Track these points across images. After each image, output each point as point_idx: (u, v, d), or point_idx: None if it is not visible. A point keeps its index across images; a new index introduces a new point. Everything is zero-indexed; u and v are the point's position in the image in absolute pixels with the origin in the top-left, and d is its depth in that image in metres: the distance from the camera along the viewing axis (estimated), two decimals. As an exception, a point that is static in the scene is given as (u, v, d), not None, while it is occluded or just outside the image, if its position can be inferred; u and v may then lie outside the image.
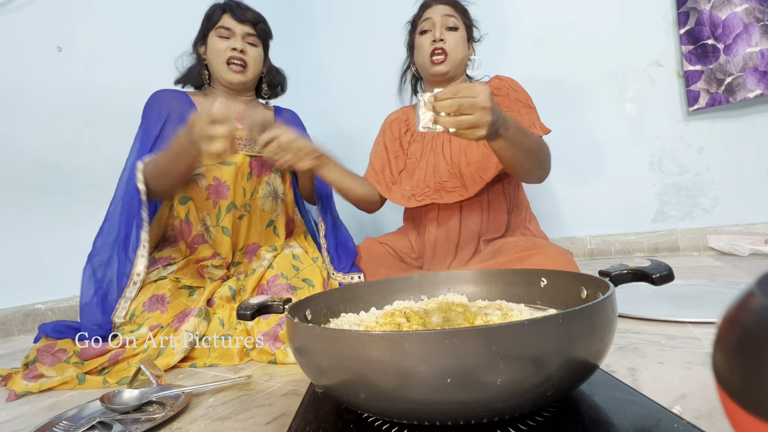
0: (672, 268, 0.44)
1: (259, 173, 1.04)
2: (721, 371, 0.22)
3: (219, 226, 0.99)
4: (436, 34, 1.07)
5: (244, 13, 1.01)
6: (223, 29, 0.99)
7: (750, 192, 1.39)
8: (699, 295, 0.83)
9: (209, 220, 0.99)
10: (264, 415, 0.51)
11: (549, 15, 1.66)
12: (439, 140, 1.13)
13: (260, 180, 1.05)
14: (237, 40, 1.00)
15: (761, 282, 0.22)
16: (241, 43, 1.00)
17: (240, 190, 1.01)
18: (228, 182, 0.99)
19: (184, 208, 0.99)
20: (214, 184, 0.98)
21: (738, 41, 1.31)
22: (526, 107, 1.07)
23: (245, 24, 1.01)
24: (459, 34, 1.09)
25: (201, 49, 1.06)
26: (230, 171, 0.99)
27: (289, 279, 0.93)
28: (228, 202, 0.99)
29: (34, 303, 1.33)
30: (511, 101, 1.07)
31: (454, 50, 1.07)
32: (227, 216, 0.99)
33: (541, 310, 0.53)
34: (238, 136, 1.01)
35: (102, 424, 0.53)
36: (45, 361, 0.75)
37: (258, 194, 1.04)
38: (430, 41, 1.08)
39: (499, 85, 1.10)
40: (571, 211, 1.67)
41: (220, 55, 0.99)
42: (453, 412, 0.34)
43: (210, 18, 1.02)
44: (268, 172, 1.06)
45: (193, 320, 0.80)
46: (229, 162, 0.99)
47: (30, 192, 1.34)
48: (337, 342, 0.35)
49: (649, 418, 0.36)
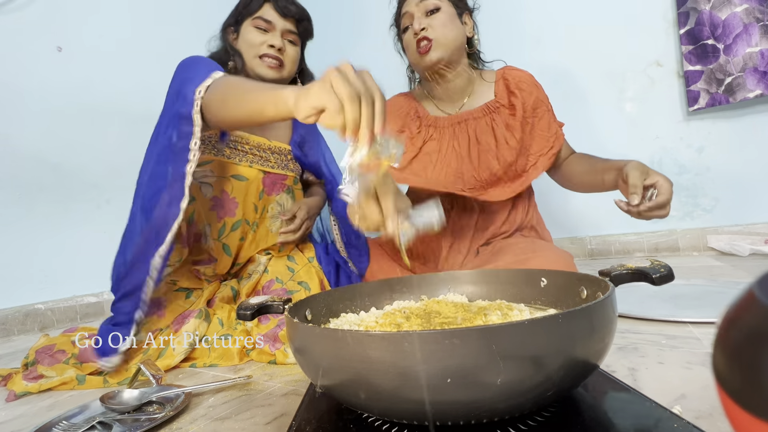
0: (672, 268, 0.44)
1: (270, 192, 0.96)
2: (721, 371, 0.22)
3: (220, 242, 0.90)
4: (415, 25, 0.96)
5: (289, 7, 0.90)
6: (262, 21, 0.89)
7: (750, 192, 1.38)
8: (699, 295, 0.83)
9: (209, 231, 0.91)
10: (264, 415, 0.51)
11: (549, 15, 1.66)
12: (461, 139, 1.02)
13: (270, 199, 0.96)
14: (276, 36, 0.90)
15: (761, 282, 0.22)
16: (279, 40, 0.90)
17: (251, 206, 0.92)
18: (237, 199, 0.90)
19: (190, 207, 0.88)
20: (221, 198, 0.89)
21: (738, 41, 1.31)
22: (548, 110, 1.04)
23: (288, 19, 0.91)
24: (443, 14, 0.96)
25: (231, 36, 0.94)
26: (242, 187, 0.90)
27: (284, 283, 0.91)
28: (235, 219, 0.90)
29: (34, 303, 1.34)
30: (536, 100, 1.01)
31: (440, 32, 0.95)
32: (232, 234, 0.90)
33: (541, 310, 0.53)
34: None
35: (102, 424, 0.53)
36: (44, 361, 0.75)
37: (267, 213, 0.96)
38: (413, 35, 0.97)
39: (522, 77, 1.03)
40: (571, 211, 1.67)
41: (254, 49, 0.90)
42: (453, 412, 0.34)
43: (248, 4, 0.90)
44: (280, 191, 0.98)
45: (193, 321, 0.79)
46: (240, 176, 0.90)
47: (30, 192, 1.35)
48: (337, 342, 0.35)
49: (649, 418, 0.36)
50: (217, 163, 0.89)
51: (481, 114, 1.02)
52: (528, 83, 1.02)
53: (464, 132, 1.03)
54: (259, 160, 0.94)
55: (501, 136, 1.00)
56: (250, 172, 0.91)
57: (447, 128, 1.04)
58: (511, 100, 1.01)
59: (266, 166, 0.95)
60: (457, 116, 1.04)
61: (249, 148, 0.93)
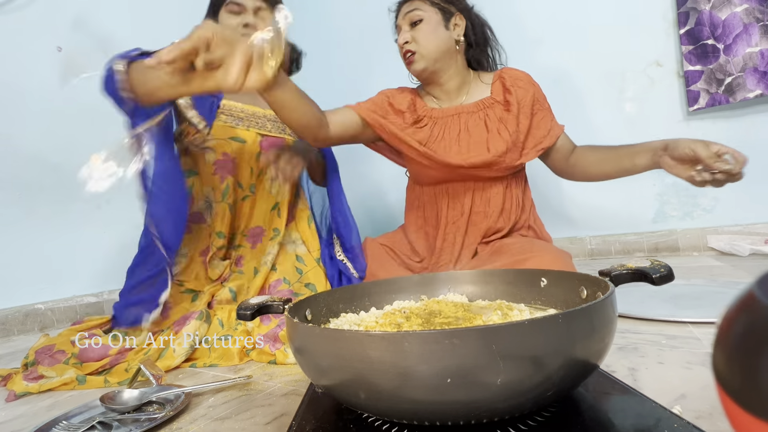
0: (672, 268, 0.44)
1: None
2: (721, 371, 0.22)
3: (225, 203, 0.95)
4: (399, 39, 1.03)
5: None
6: (234, 5, 0.97)
7: (750, 192, 1.38)
8: (699, 295, 0.83)
9: (213, 196, 0.96)
10: (264, 415, 0.51)
11: (549, 15, 1.66)
12: (454, 129, 1.04)
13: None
14: (249, 15, 0.97)
15: (761, 282, 0.22)
16: (253, 18, 0.97)
17: (247, 169, 0.98)
18: (237, 159, 0.96)
19: (189, 182, 0.95)
20: (222, 159, 0.95)
21: (738, 41, 1.31)
22: (542, 108, 1.05)
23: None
24: (425, 24, 1.00)
25: None
26: (240, 148, 0.96)
27: (291, 284, 0.93)
28: (234, 178, 0.96)
29: (34, 303, 1.34)
30: (532, 98, 1.03)
31: (422, 44, 1.00)
32: (233, 192, 0.96)
33: (541, 310, 0.53)
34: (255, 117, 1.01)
35: (102, 424, 0.53)
36: (44, 362, 0.75)
37: (266, 175, 1.00)
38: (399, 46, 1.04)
39: (518, 76, 1.05)
40: (571, 211, 1.67)
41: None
42: (453, 412, 0.34)
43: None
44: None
45: (194, 323, 0.79)
46: (239, 138, 0.97)
47: (30, 192, 1.35)
48: (337, 342, 0.35)
49: (649, 418, 0.36)
50: (216, 126, 0.96)
51: (475, 109, 1.05)
52: (525, 81, 1.04)
53: (456, 123, 1.05)
54: (255, 125, 1.01)
55: (493, 128, 1.02)
56: (248, 135, 0.98)
57: (440, 119, 1.07)
58: (506, 96, 1.03)
59: (263, 130, 1.01)
60: (451, 109, 1.07)
61: (245, 116, 1.00)
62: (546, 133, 1.05)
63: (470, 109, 1.05)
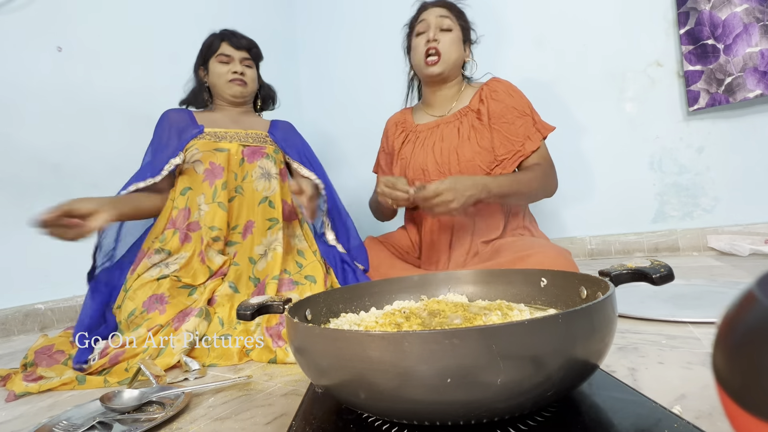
0: (672, 268, 0.44)
1: (251, 160, 1.10)
2: (721, 371, 0.22)
3: (215, 203, 1.02)
4: (429, 35, 1.11)
5: (240, 41, 1.16)
6: (223, 56, 1.13)
7: (750, 192, 1.39)
8: (699, 295, 0.83)
9: (204, 200, 1.03)
10: (264, 415, 0.51)
11: (549, 15, 1.66)
12: (431, 139, 1.16)
13: (252, 165, 1.10)
14: (236, 64, 1.14)
15: (761, 282, 0.22)
16: (240, 66, 1.14)
17: (231, 174, 1.07)
18: (222, 164, 1.06)
19: (184, 198, 1.02)
20: (210, 168, 1.04)
21: (738, 41, 1.31)
22: (521, 115, 1.08)
23: (242, 50, 1.15)
24: (453, 35, 1.12)
25: (202, 73, 1.19)
26: (224, 156, 1.06)
27: (292, 275, 0.98)
28: (222, 180, 1.04)
29: (34, 303, 1.33)
30: (505, 108, 1.09)
31: (447, 51, 1.11)
32: (222, 193, 1.03)
33: (541, 310, 0.53)
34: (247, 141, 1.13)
35: (102, 424, 0.53)
36: (42, 362, 0.75)
37: (251, 177, 1.09)
38: (425, 42, 1.11)
39: (496, 88, 1.12)
40: (571, 211, 1.67)
41: (223, 77, 1.14)
42: (453, 412, 0.34)
43: (210, 46, 1.15)
44: (259, 158, 1.11)
45: (193, 320, 0.80)
46: (223, 149, 1.07)
47: (30, 192, 1.34)
48: (337, 342, 0.35)
49: (649, 418, 0.36)
50: (201, 143, 1.06)
51: (453, 119, 1.16)
52: (502, 92, 1.11)
53: (435, 134, 1.16)
54: (237, 139, 1.12)
55: (465, 136, 1.11)
56: (231, 146, 1.09)
57: (422, 132, 1.19)
58: (479, 106, 1.12)
59: (245, 142, 1.12)
60: (434, 122, 1.18)
61: (227, 135, 1.11)
62: (524, 141, 1.08)
63: (448, 120, 1.16)
